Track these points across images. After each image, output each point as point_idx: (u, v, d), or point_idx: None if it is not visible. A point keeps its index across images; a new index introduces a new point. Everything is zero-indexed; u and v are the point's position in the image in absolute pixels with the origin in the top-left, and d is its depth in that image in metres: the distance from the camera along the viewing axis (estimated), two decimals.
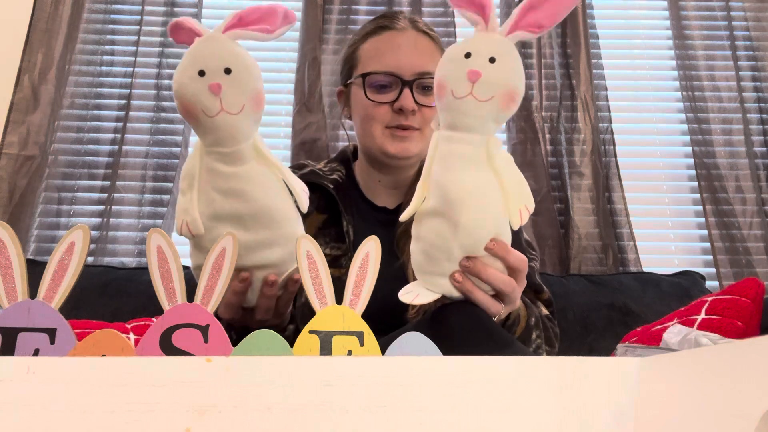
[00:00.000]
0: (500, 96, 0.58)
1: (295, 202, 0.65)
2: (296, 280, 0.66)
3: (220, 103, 0.57)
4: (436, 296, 0.64)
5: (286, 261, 0.64)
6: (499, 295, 0.67)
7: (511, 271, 0.66)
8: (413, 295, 0.64)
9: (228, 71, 0.57)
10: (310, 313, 0.50)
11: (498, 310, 0.67)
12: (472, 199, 0.60)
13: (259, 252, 0.62)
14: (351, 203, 0.98)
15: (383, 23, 0.97)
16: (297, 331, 0.86)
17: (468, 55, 0.58)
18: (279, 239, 0.62)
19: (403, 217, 0.67)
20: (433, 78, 0.90)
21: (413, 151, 0.93)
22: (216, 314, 0.50)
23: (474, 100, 0.57)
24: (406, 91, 0.90)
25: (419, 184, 0.65)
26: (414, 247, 0.66)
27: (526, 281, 0.69)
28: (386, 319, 0.66)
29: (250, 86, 0.58)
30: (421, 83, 0.92)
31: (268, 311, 0.67)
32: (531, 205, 0.62)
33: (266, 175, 0.62)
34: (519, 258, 0.66)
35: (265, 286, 0.63)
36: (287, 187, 0.64)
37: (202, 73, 0.56)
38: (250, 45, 0.62)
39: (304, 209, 0.64)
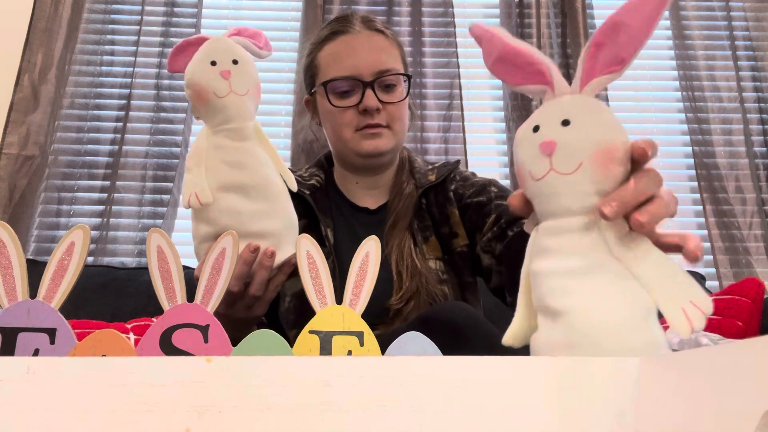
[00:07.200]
0: (589, 160, 0.45)
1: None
2: (292, 264, 0.71)
3: (230, 86, 0.67)
4: None
5: (282, 233, 0.71)
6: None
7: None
8: None
9: (235, 62, 0.67)
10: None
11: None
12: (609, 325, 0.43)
13: (259, 221, 0.69)
14: (331, 206, 1.00)
15: (337, 28, 0.97)
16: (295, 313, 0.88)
17: (536, 129, 0.46)
18: (276, 210, 0.70)
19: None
20: (393, 75, 0.93)
21: (386, 147, 0.94)
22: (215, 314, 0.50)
23: (557, 175, 0.45)
24: (368, 92, 0.91)
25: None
26: None
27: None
28: (370, 320, 0.64)
29: (253, 76, 0.69)
30: (383, 82, 0.93)
31: (262, 285, 0.70)
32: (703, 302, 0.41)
33: (264, 154, 0.71)
34: (697, 243, 0.46)
35: (264, 257, 0.68)
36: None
37: (213, 63, 0.67)
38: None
39: (294, 188, 0.73)
